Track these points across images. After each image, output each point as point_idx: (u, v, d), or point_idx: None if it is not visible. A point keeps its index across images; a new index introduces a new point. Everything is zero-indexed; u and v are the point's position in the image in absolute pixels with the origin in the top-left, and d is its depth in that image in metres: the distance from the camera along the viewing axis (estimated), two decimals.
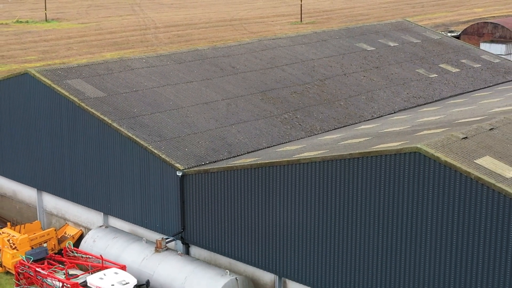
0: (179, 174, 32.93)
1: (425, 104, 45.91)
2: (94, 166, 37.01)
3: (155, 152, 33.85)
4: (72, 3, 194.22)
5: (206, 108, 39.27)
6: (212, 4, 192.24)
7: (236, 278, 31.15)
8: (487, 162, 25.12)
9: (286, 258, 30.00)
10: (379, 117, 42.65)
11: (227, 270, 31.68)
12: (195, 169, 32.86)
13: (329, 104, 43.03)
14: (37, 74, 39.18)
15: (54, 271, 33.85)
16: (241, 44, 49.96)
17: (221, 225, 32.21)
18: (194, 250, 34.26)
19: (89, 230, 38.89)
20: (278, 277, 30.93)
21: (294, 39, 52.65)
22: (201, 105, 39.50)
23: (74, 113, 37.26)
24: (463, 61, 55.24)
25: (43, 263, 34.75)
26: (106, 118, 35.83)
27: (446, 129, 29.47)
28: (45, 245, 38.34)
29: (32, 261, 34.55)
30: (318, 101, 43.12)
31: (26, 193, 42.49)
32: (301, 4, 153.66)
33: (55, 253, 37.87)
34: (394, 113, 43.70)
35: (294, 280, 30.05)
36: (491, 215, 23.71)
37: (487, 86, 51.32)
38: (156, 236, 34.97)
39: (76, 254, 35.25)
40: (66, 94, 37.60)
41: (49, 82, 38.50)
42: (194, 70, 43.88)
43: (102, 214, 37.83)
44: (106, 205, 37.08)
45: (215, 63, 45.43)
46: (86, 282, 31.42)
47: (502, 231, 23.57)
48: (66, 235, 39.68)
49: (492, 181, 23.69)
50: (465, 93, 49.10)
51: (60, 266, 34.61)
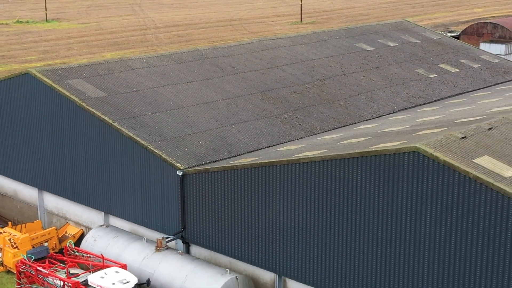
0: (180, 173, 33.05)
1: (424, 104, 46.02)
2: (95, 165, 37.13)
3: (156, 151, 33.97)
4: (72, 3, 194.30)
5: (206, 108, 39.40)
6: (212, 4, 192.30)
7: (236, 277, 31.25)
8: (486, 161, 25.24)
9: (286, 257, 30.11)
10: (379, 117, 42.77)
11: (227, 269, 31.77)
12: (196, 168, 32.97)
13: (328, 104, 43.16)
14: (38, 74, 39.29)
15: (55, 270, 33.97)
16: (241, 44, 50.08)
17: (221, 224, 32.32)
18: (195, 249, 34.37)
19: (89, 229, 38.99)
20: (278, 276, 31.05)
21: (294, 39, 52.76)
22: (201, 105, 39.62)
23: (75, 113, 37.38)
24: (463, 61, 55.35)
25: (44, 262, 34.87)
26: (106, 118, 35.96)
27: (445, 128, 29.58)
28: (46, 244, 38.46)
29: (33, 260, 34.65)
30: (318, 101, 43.24)
31: (27, 192, 42.60)
32: (301, 4, 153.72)
33: (56, 252, 37.98)
34: (394, 113, 43.81)
35: (294, 279, 30.16)
36: (490, 214, 23.83)
37: (487, 86, 51.43)
38: (156, 235, 35.09)
39: (77, 253, 35.36)
40: (67, 94, 37.72)
41: (50, 82, 38.62)
42: (195, 70, 44.00)
43: (103, 213, 37.95)
44: (107, 204, 37.20)
45: (215, 63, 45.55)
46: (87, 281, 31.53)
47: (501, 230, 23.70)
48: (67, 235, 39.80)
49: (490, 180, 23.81)
50: (464, 93, 49.22)
51: (61, 265, 34.72)
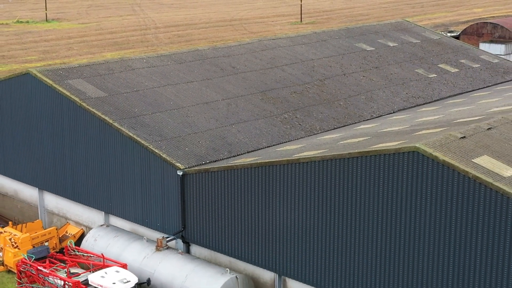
0: (180, 173, 33.12)
1: (424, 104, 46.10)
2: (95, 165, 37.20)
3: (156, 151, 34.05)
4: (72, 3, 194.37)
5: (207, 108, 39.48)
6: (212, 4, 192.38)
7: (236, 276, 31.33)
8: (485, 161, 25.32)
9: (286, 256, 30.19)
10: (378, 117, 42.85)
11: (227, 269, 31.85)
12: (196, 168, 33.04)
13: (328, 104, 43.24)
14: (38, 74, 39.37)
15: (56, 270, 34.04)
16: (241, 44, 50.16)
17: (221, 224, 32.40)
18: (195, 248, 34.45)
19: (90, 229, 39.06)
20: (278, 275, 31.12)
21: (294, 39, 52.84)
22: (201, 105, 39.71)
23: (75, 113, 37.46)
24: (462, 61, 55.43)
25: (45, 262, 34.95)
26: (107, 118, 36.03)
27: (444, 128, 29.66)
28: (46, 244, 38.53)
29: (34, 259, 34.74)
30: (318, 101, 43.32)
31: (27, 192, 42.68)
32: (301, 4, 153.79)
33: (57, 252, 38.06)
34: (393, 113, 43.88)
35: (293, 278, 30.24)
36: (489, 214, 23.91)
37: (486, 86, 51.51)
38: (156, 235, 35.17)
39: (77, 253, 35.43)
40: (68, 94, 37.80)
41: (50, 82, 38.70)
42: (195, 70, 44.08)
43: (103, 213, 38.03)
44: (107, 204, 37.28)
45: (216, 63, 45.63)
46: (88, 281, 31.60)
47: (500, 230, 23.78)
48: (67, 234, 39.87)
49: (489, 180, 23.89)
50: (464, 93, 49.29)
51: (61, 264, 34.79)
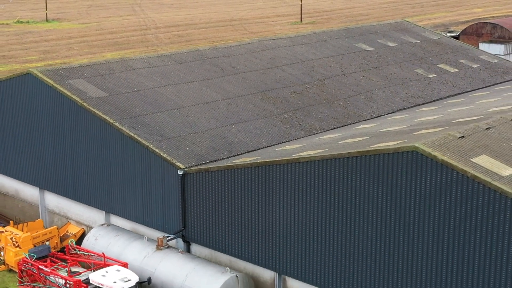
0: (180, 173, 33.26)
1: (423, 104, 46.24)
2: (96, 165, 37.35)
3: (156, 151, 34.19)
4: (72, 3, 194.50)
5: (207, 107, 39.62)
6: (212, 4, 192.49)
7: (236, 275, 31.46)
8: (484, 160, 25.45)
9: (286, 255, 30.32)
10: (378, 116, 42.99)
11: (228, 268, 31.98)
12: (196, 168, 33.18)
13: (328, 104, 43.38)
14: (39, 74, 39.51)
15: (57, 269, 34.20)
16: (241, 44, 50.30)
17: (221, 223, 32.53)
18: (195, 248, 34.59)
19: (91, 228, 39.20)
20: (278, 274, 31.26)
21: (294, 40, 52.98)
22: (201, 104, 39.85)
23: (76, 112, 37.60)
24: (462, 61, 55.57)
25: (46, 261, 35.10)
26: (107, 118, 36.17)
27: (443, 128, 29.79)
28: (47, 243, 38.68)
29: (35, 258, 34.89)
30: (318, 101, 43.46)
31: (28, 192, 42.82)
32: (301, 4, 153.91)
33: (58, 251, 38.21)
34: (393, 112, 44.02)
35: (293, 277, 30.38)
36: (487, 213, 24.05)
37: (485, 86, 51.64)
38: (157, 234, 35.31)
39: (78, 252, 35.57)
40: (68, 94, 37.95)
41: (51, 82, 38.84)
42: (195, 70, 44.23)
43: (104, 212, 38.17)
44: (108, 203, 37.42)
45: (216, 63, 45.78)
46: (89, 279, 31.75)
47: (498, 229, 23.92)
48: (68, 234, 40.02)
49: (488, 179, 24.03)
50: (463, 93, 49.43)
51: (62, 263, 34.95)
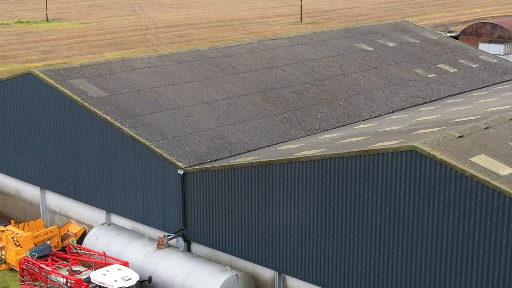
0: (181, 172, 33.39)
1: (423, 103, 46.38)
2: (97, 164, 37.48)
3: (157, 150, 34.33)
4: (73, 3, 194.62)
5: (207, 107, 39.76)
6: (212, 4, 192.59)
7: (236, 274, 31.61)
8: (482, 160, 25.59)
9: (286, 254, 30.46)
10: (378, 116, 43.13)
11: (228, 267, 32.13)
12: (196, 167, 33.31)
13: (328, 103, 43.52)
14: (40, 74, 39.65)
15: (58, 268, 34.33)
16: (241, 44, 50.44)
17: (221, 222, 32.66)
18: (195, 247, 34.72)
19: (91, 228, 39.33)
20: (277, 273, 31.40)
21: (294, 40, 53.12)
22: (202, 104, 39.99)
23: (77, 112, 37.74)
24: (461, 61, 55.71)
25: (47, 260, 35.24)
26: (108, 118, 36.32)
27: (442, 128, 29.93)
28: (48, 242, 38.80)
29: (36, 257, 35.02)
30: (318, 100, 43.60)
31: (29, 191, 42.96)
32: (301, 4, 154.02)
33: (59, 250, 38.34)
34: (392, 112, 44.16)
35: (293, 276, 30.52)
36: (486, 212, 24.19)
37: (485, 86, 51.78)
38: (158, 233, 35.44)
39: (79, 251, 35.71)
40: (69, 93, 38.09)
41: (52, 82, 38.98)
42: (195, 70, 44.36)
43: (105, 212, 38.30)
44: (109, 203, 37.55)
45: (216, 63, 45.92)
46: (90, 278, 31.88)
47: (497, 228, 24.06)
48: (69, 233, 40.15)
49: (486, 178, 24.17)
50: (462, 92, 49.56)
51: (63, 262, 35.08)
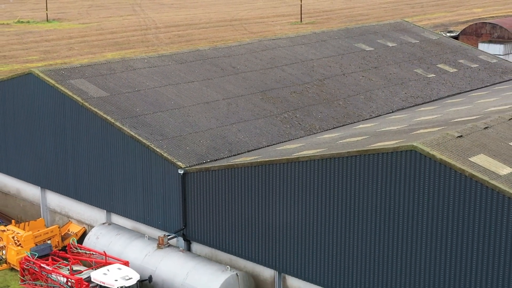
0: (181, 172, 33.47)
1: (422, 103, 46.46)
2: (97, 164, 37.56)
3: (157, 150, 34.41)
4: (73, 3, 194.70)
5: (207, 107, 39.85)
6: (212, 4, 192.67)
7: (236, 273, 31.70)
8: (481, 160, 25.67)
9: (286, 254, 30.53)
10: (377, 116, 43.21)
11: (228, 266, 32.22)
12: (197, 167, 33.39)
13: (328, 103, 43.61)
14: (41, 74, 39.73)
15: (59, 267, 34.42)
16: (241, 44, 50.53)
17: (222, 222, 32.74)
18: (196, 246, 34.80)
19: (92, 227, 39.41)
20: (277, 272, 31.49)
21: (294, 40, 53.20)
22: (202, 104, 40.08)
23: (78, 112, 37.82)
24: (461, 61, 55.79)
25: (48, 260, 35.33)
26: (109, 117, 36.40)
27: (442, 128, 30.01)
28: (49, 242, 38.88)
29: (37, 257, 35.10)
30: (317, 100, 43.69)
31: (30, 191, 43.04)
32: (301, 4, 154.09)
33: (59, 250, 38.43)
34: (392, 112, 44.25)
35: (293, 275, 30.60)
36: (485, 212, 24.27)
37: (484, 86, 51.87)
38: (158, 233, 35.52)
39: (80, 251, 35.80)
40: (70, 93, 38.17)
41: (52, 82, 39.07)
42: (195, 70, 44.45)
43: (105, 211, 38.39)
44: (109, 203, 37.63)
45: (216, 63, 46.00)
46: (90, 278, 31.98)
47: (496, 227, 24.14)
48: (70, 233, 40.23)
49: (486, 178, 24.24)
50: (462, 92, 49.65)
51: (64, 262, 35.17)
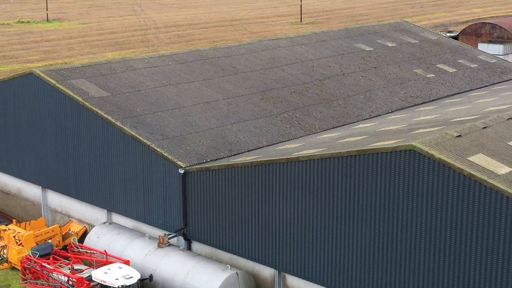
0: (181, 171, 33.59)
1: (422, 103, 46.59)
2: (98, 164, 37.69)
3: (158, 150, 34.54)
4: (73, 3, 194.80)
5: (207, 107, 39.99)
6: (212, 4, 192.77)
7: (236, 272, 31.82)
8: (480, 159, 25.81)
9: (286, 253, 30.66)
10: (377, 116, 43.34)
11: (228, 265, 32.35)
12: (197, 166, 33.52)
13: (328, 103, 43.75)
14: (41, 74, 39.87)
15: (60, 266, 34.55)
16: (241, 44, 50.66)
17: (222, 221, 32.87)
18: (196, 245, 34.93)
19: (92, 227, 39.54)
20: (277, 271, 31.62)
21: (294, 40, 53.34)
22: (202, 104, 40.21)
23: (78, 112, 37.96)
24: (460, 61, 55.93)
25: (49, 259, 35.45)
26: (109, 117, 36.54)
27: (441, 127, 30.15)
28: (50, 241, 39.01)
29: (38, 256, 35.23)
30: (317, 100, 43.83)
31: (31, 190, 43.17)
32: (301, 4, 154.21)
33: (60, 249, 38.56)
34: (392, 112, 44.38)
35: (293, 274, 30.73)
36: (484, 211, 24.40)
37: (484, 86, 52.00)
38: (158, 232, 35.65)
39: (80, 250, 35.93)
40: (71, 93, 38.30)
41: (53, 82, 39.20)
42: (196, 70, 44.59)
43: (106, 211, 38.52)
44: (110, 202, 37.76)
45: (216, 63, 46.14)
46: (91, 277, 32.10)
47: (494, 226, 24.27)
48: (70, 232, 40.37)
49: (484, 177, 24.38)
50: (461, 92, 49.79)
51: (65, 261, 35.30)
